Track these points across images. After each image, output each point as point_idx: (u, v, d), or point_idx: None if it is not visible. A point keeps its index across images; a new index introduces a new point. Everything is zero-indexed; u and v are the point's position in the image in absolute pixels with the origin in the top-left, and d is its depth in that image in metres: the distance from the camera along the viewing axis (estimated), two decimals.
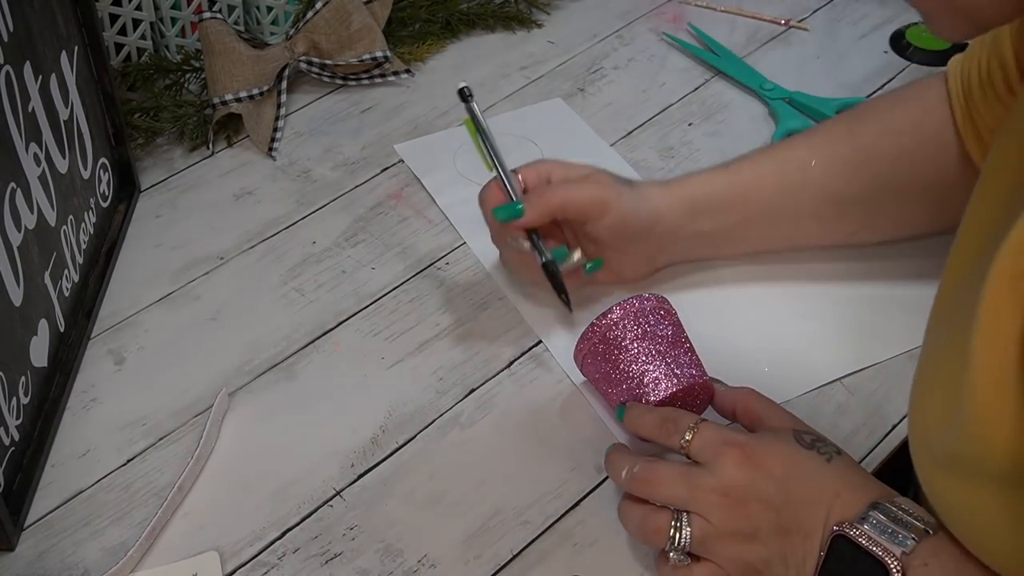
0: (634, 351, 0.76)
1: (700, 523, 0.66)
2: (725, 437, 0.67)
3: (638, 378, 0.75)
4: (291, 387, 0.84)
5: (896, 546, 0.61)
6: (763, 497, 0.65)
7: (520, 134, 1.02)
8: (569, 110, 1.07)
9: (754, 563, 0.66)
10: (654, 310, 0.77)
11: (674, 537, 0.66)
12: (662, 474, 0.68)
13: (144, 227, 0.96)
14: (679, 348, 0.76)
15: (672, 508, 0.67)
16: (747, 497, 0.65)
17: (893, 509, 0.62)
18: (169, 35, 1.08)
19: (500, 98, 1.09)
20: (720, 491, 0.65)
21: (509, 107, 1.08)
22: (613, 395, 0.77)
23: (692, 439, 0.68)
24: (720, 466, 0.66)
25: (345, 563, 0.73)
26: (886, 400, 0.81)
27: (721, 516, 0.65)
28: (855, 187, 0.85)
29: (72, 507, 0.76)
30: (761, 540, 0.65)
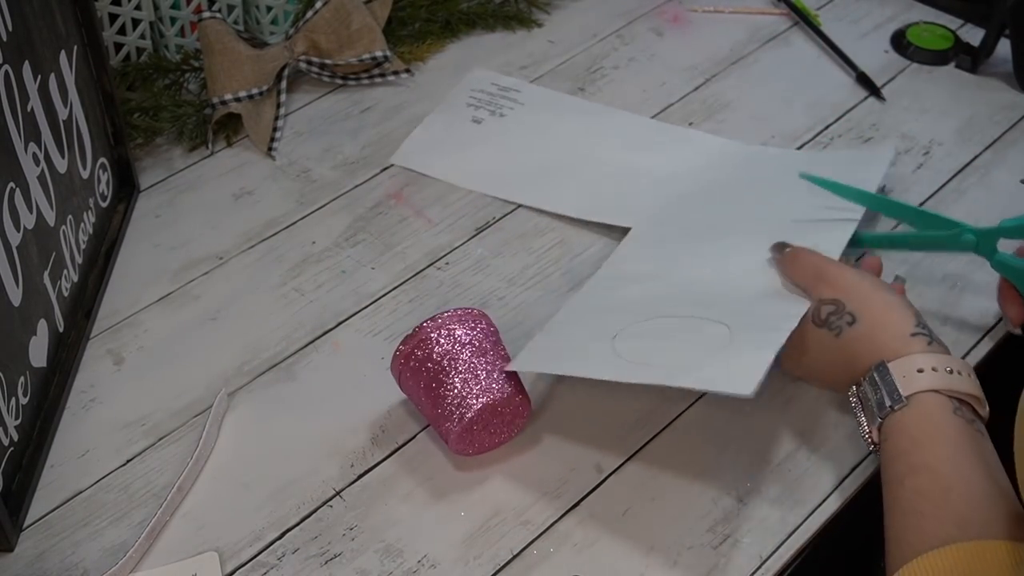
0: (444, 366, 0.75)
1: None
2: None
3: (446, 396, 0.75)
4: (291, 387, 0.83)
5: (869, 420, 0.71)
6: (803, 370, 0.77)
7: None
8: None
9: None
10: (463, 320, 0.77)
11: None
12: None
13: (143, 227, 0.96)
14: (490, 361, 0.76)
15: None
16: (790, 365, 0.78)
17: (876, 381, 0.70)
18: (168, 35, 1.08)
19: None
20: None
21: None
22: (426, 410, 0.77)
23: None
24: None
25: (345, 563, 0.73)
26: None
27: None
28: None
29: (71, 507, 0.76)
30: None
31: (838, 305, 0.74)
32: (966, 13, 1.18)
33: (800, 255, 0.79)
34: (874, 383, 0.70)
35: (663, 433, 0.81)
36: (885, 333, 0.72)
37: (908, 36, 1.15)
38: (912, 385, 0.69)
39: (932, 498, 0.64)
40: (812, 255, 0.78)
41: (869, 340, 0.72)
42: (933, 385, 0.68)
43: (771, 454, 0.79)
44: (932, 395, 0.68)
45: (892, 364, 0.70)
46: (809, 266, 0.78)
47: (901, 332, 0.72)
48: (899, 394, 0.69)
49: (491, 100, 1.07)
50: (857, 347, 0.73)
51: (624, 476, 0.78)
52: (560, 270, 0.92)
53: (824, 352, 0.75)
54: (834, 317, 0.74)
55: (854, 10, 1.20)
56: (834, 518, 0.77)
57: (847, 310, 0.74)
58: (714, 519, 0.76)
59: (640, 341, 0.76)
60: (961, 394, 0.69)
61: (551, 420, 0.81)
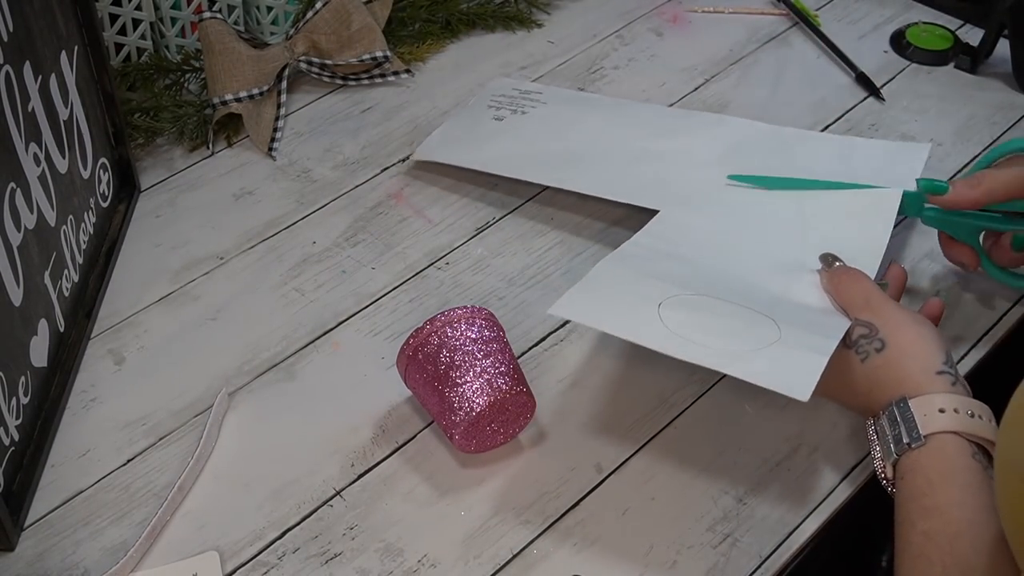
0: (452, 362, 0.76)
1: None
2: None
3: (454, 390, 0.75)
4: (291, 387, 0.84)
5: (885, 455, 0.69)
6: (825, 388, 0.73)
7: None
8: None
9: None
10: (471, 319, 0.77)
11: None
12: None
13: (144, 227, 0.96)
14: (497, 359, 0.76)
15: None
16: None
17: (896, 415, 0.68)
18: (169, 35, 1.08)
19: None
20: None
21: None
22: (431, 404, 0.78)
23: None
24: None
25: (345, 563, 0.73)
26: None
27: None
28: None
29: (72, 507, 0.76)
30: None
31: (871, 329, 0.73)
32: (965, 13, 1.18)
33: (850, 277, 0.78)
34: (893, 418, 0.69)
35: (663, 433, 0.81)
36: (911, 365, 0.71)
37: (907, 36, 1.15)
38: (932, 424, 0.67)
39: (940, 544, 0.63)
40: (862, 281, 0.77)
41: (893, 370, 0.71)
42: (953, 427, 0.67)
43: (771, 454, 0.80)
44: (951, 436, 0.67)
45: (913, 401, 0.68)
46: (859, 290, 0.76)
47: (927, 367, 0.70)
48: (918, 432, 0.67)
49: (512, 102, 1.06)
50: (880, 375, 0.71)
51: (624, 476, 0.78)
52: (560, 270, 0.92)
53: (847, 374, 0.73)
54: (864, 340, 0.73)
55: (854, 10, 1.20)
56: (833, 518, 0.77)
57: (878, 335, 0.72)
58: (714, 519, 0.76)
59: (688, 314, 0.74)
60: (980, 439, 0.67)
61: (551, 420, 0.81)
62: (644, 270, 0.80)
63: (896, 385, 0.70)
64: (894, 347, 0.72)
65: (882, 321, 0.73)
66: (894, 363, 0.71)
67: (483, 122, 1.04)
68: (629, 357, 0.85)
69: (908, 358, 0.71)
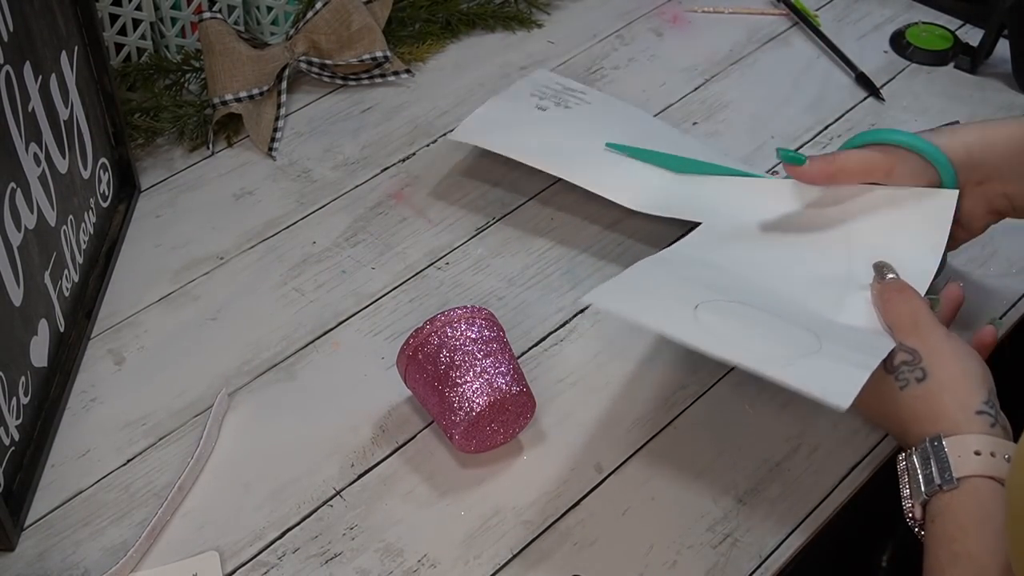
0: (452, 362, 0.76)
1: None
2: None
3: (454, 390, 0.75)
4: (291, 387, 0.84)
5: (915, 495, 0.66)
6: (865, 409, 0.73)
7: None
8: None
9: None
10: (472, 318, 0.77)
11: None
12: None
13: (144, 227, 0.96)
14: (497, 359, 0.76)
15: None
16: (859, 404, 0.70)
17: (929, 454, 0.66)
18: (169, 35, 1.08)
19: None
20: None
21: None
22: (431, 404, 0.78)
23: None
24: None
25: (345, 563, 0.73)
26: None
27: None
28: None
29: (72, 507, 0.76)
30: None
31: (915, 356, 0.70)
32: (965, 13, 1.18)
33: (901, 296, 0.75)
34: (925, 456, 0.66)
35: (663, 433, 0.81)
36: (950, 401, 0.68)
37: (907, 36, 1.15)
38: (965, 467, 0.64)
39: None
40: (914, 299, 0.75)
41: (931, 404, 0.68)
42: (988, 471, 0.64)
43: (771, 454, 0.80)
44: (985, 481, 0.64)
45: (948, 440, 0.65)
46: (907, 311, 0.74)
47: (967, 405, 0.67)
48: (951, 474, 0.64)
49: (556, 95, 1.03)
50: (917, 407, 0.69)
51: (624, 476, 0.78)
52: (560, 270, 0.92)
53: (883, 401, 0.71)
54: (906, 368, 0.70)
55: (854, 10, 1.20)
56: (834, 517, 0.77)
57: (921, 364, 0.70)
58: (714, 519, 0.76)
59: (724, 319, 0.72)
60: None
61: (551, 420, 0.81)
62: (682, 274, 0.78)
63: (932, 421, 0.67)
64: (935, 380, 0.69)
65: (928, 349, 0.70)
66: (933, 397, 0.68)
67: (526, 110, 1.01)
68: (629, 357, 0.86)
69: (948, 393, 0.68)
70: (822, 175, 0.82)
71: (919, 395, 0.69)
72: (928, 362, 0.70)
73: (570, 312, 0.89)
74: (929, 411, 0.68)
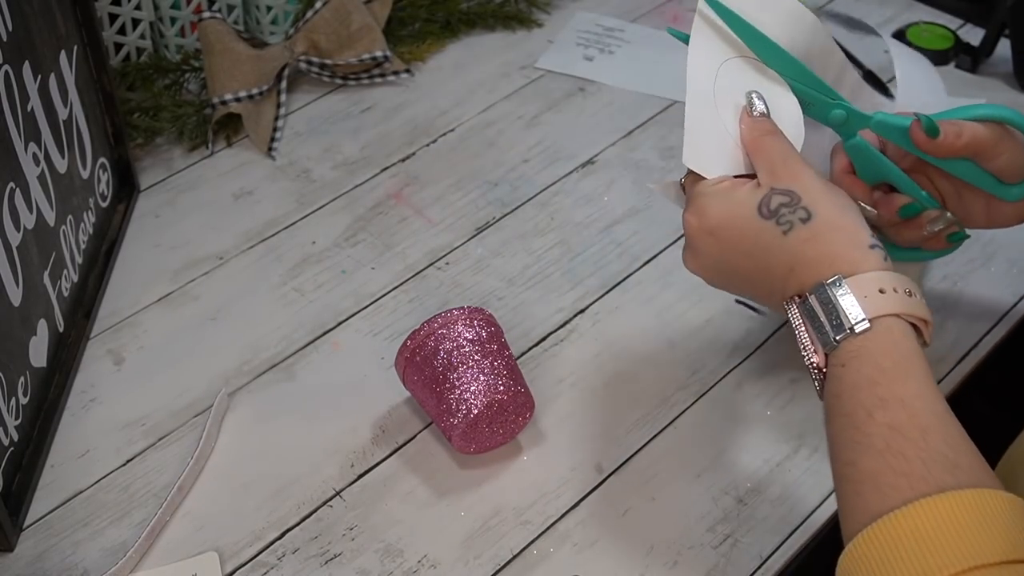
0: (449, 363, 0.75)
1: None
2: (694, 203, 0.69)
3: (452, 392, 0.75)
4: (291, 387, 0.83)
5: (820, 341, 0.62)
6: (724, 269, 0.69)
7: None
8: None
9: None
10: (469, 319, 0.77)
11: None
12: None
13: (143, 227, 0.96)
14: (495, 359, 0.76)
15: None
16: (711, 267, 0.69)
17: (831, 297, 0.62)
18: (168, 35, 1.08)
19: (500, 98, 1.09)
20: (691, 251, 0.70)
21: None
22: (429, 406, 0.77)
23: (686, 206, 0.70)
24: (687, 235, 0.69)
25: (345, 563, 0.73)
26: None
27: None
28: None
29: (71, 507, 0.76)
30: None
31: (792, 197, 0.65)
32: (966, 13, 1.18)
33: (773, 136, 0.70)
34: (827, 300, 0.62)
35: (663, 433, 0.81)
36: (841, 238, 0.64)
37: (908, 36, 1.15)
38: (876, 307, 0.61)
39: (911, 438, 0.57)
40: (784, 142, 0.69)
41: (822, 244, 0.64)
42: (896, 309, 0.61)
43: (771, 454, 0.79)
44: (895, 320, 0.61)
45: (849, 280, 0.62)
46: (778, 152, 0.68)
47: (859, 241, 0.64)
48: (862, 316, 0.60)
49: (599, 39, 1.14)
50: (806, 250, 0.64)
51: (624, 476, 0.78)
52: (560, 270, 0.92)
53: (764, 252, 0.66)
54: (786, 209, 0.65)
55: (854, 10, 1.20)
56: (834, 518, 0.77)
57: (802, 204, 0.65)
58: (714, 519, 0.76)
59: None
60: (916, 318, 0.62)
61: (551, 420, 0.81)
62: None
63: (828, 262, 0.63)
64: (821, 218, 0.64)
65: (804, 188, 0.66)
66: (822, 237, 0.64)
67: (575, 61, 1.12)
68: (629, 357, 0.85)
69: (837, 231, 0.64)
70: (949, 149, 0.72)
71: (807, 236, 0.64)
72: (808, 201, 0.65)
73: (570, 312, 0.89)
74: (821, 252, 0.64)
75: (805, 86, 0.74)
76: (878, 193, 0.77)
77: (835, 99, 0.75)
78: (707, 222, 0.68)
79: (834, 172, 0.77)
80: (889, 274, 0.62)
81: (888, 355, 0.60)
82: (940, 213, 0.76)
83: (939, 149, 0.72)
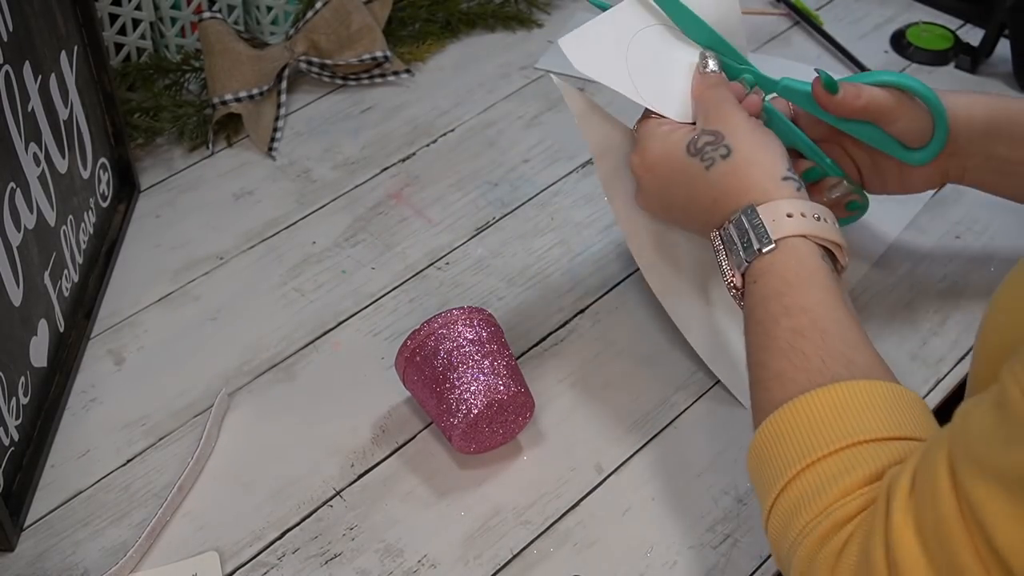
0: (449, 363, 0.76)
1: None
2: (638, 143, 0.76)
3: (452, 392, 0.75)
4: (291, 387, 0.83)
5: (735, 263, 0.70)
6: (663, 203, 0.76)
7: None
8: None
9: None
10: (469, 319, 0.77)
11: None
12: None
13: (144, 227, 0.96)
14: (495, 359, 0.76)
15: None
16: (655, 202, 0.77)
17: (744, 223, 0.69)
18: (169, 35, 1.08)
19: (500, 98, 1.09)
20: (638, 188, 0.78)
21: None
22: (429, 406, 0.77)
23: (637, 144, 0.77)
24: (633, 173, 0.77)
25: (345, 563, 0.73)
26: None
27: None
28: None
29: (72, 507, 0.76)
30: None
31: (717, 136, 0.73)
32: (966, 13, 1.18)
33: (715, 89, 0.76)
34: (741, 226, 0.69)
35: (663, 433, 0.81)
36: (757, 171, 0.71)
37: (908, 36, 1.15)
38: (781, 229, 0.68)
39: (812, 339, 0.63)
40: (723, 90, 0.76)
41: (739, 177, 0.71)
42: (802, 230, 0.68)
43: None
44: (801, 240, 0.68)
45: (761, 208, 0.69)
46: (714, 99, 0.76)
47: (773, 174, 0.71)
48: (769, 237, 0.68)
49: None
50: (725, 183, 0.71)
51: (624, 476, 0.78)
52: (560, 270, 0.92)
53: (690, 185, 0.73)
54: (710, 147, 0.73)
55: (854, 10, 1.20)
56: None
57: (724, 142, 0.72)
58: (714, 519, 0.76)
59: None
60: (827, 241, 0.69)
61: (551, 420, 0.81)
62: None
63: (743, 192, 0.71)
64: (739, 154, 0.72)
65: (729, 128, 0.73)
66: (740, 170, 0.71)
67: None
68: (629, 357, 0.85)
69: (753, 165, 0.71)
70: (848, 108, 0.78)
71: (726, 171, 0.72)
72: (730, 139, 0.72)
73: (570, 312, 0.89)
74: (738, 184, 0.71)
75: (718, 52, 0.81)
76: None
77: (743, 64, 0.81)
78: (646, 159, 0.75)
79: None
80: (800, 201, 0.69)
81: (793, 270, 0.67)
82: (839, 181, 0.82)
83: (839, 108, 0.79)
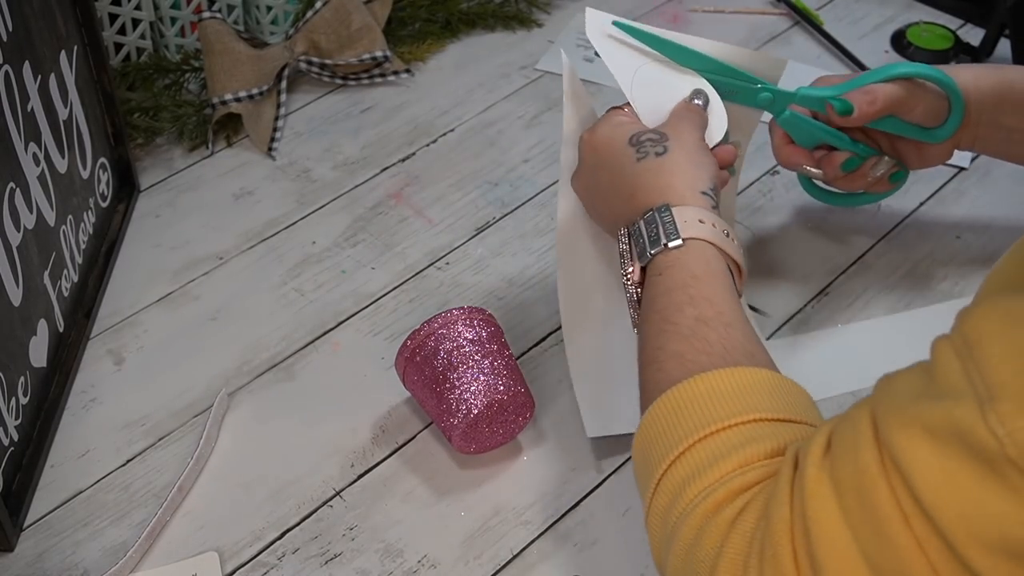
0: (449, 363, 0.75)
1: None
2: (595, 124, 0.78)
3: (452, 392, 0.75)
4: (291, 387, 0.83)
5: (638, 255, 0.70)
6: (591, 184, 0.77)
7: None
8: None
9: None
10: (469, 319, 0.77)
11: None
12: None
13: (143, 227, 0.96)
14: (495, 359, 0.76)
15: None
16: (585, 181, 0.78)
17: (655, 219, 0.70)
18: (169, 35, 1.08)
19: (500, 98, 1.09)
20: (578, 165, 0.79)
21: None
22: (429, 406, 0.77)
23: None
24: (579, 149, 0.79)
25: (345, 563, 0.73)
26: None
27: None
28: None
29: (71, 507, 0.76)
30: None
31: (662, 137, 0.74)
32: (966, 13, 1.18)
33: (688, 109, 0.78)
34: (652, 222, 0.70)
35: None
36: (680, 179, 0.72)
37: (908, 36, 1.15)
38: (691, 230, 0.69)
39: (716, 329, 0.64)
40: (694, 111, 0.78)
41: (662, 177, 0.72)
42: (710, 238, 0.69)
43: None
44: (708, 245, 0.69)
45: (675, 209, 0.70)
46: (679, 110, 0.77)
47: (694, 185, 0.72)
48: (677, 234, 0.68)
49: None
50: (647, 179, 0.72)
51: (624, 476, 0.78)
52: None
53: (618, 172, 0.74)
54: (650, 144, 0.74)
55: (854, 10, 1.20)
56: None
57: (665, 143, 0.74)
58: None
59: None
60: (730, 259, 0.70)
61: (551, 420, 0.81)
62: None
63: (659, 192, 0.71)
64: (671, 158, 0.73)
65: (676, 135, 0.74)
66: (666, 172, 0.72)
67: (575, 62, 1.05)
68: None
69: (679, 173, 0.72)
70: (867, 117, 0.80)
71: (652, 168, 0.73)
72: (672, 144, 0.74)
73: None
74: (659, 183, 0.72)
75: (726, 78, 0.81)
76: (819, 154, 0.84)
77: (757, 83, 0.82)
78: (594, 138, 0.77)
79: (774, 144, 0.86)
80: (712, 214, 0.70)
81: (700, 266, 0.68)
82: (879, 159, 0.83)
83: (858, 120, 0.80)
